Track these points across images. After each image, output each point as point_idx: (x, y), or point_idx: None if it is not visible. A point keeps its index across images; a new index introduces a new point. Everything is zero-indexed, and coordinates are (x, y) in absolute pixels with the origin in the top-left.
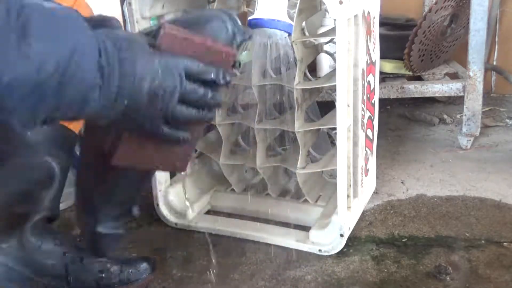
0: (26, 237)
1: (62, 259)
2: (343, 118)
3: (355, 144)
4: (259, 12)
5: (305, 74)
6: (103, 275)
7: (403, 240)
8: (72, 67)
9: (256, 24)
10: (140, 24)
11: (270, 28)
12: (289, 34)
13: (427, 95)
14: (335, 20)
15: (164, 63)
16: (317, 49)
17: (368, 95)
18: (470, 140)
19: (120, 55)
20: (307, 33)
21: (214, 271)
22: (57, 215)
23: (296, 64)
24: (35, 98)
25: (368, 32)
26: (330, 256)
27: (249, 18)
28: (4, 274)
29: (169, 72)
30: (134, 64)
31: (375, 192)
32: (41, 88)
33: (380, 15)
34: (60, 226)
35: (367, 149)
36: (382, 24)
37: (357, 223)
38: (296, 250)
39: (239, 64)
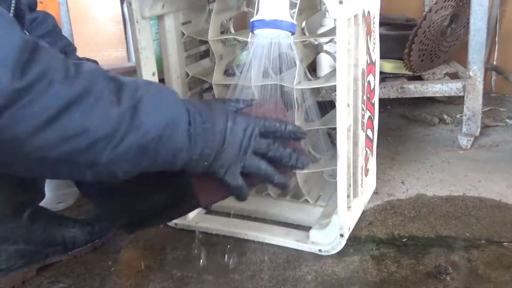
0: (30, 220)
1: (59, 230)
2: (343, 118)
3: (355, 144)
4: (262, 12)
5: (305, 74)
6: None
7: (403, 240)
8: (168, 134)
9: (259, 25)
10: (140, 24)
11: (274, 28)
12: (293, 34)
13: (427, 95)
14: (335, 20)
15: (232, 126)
16: (317, 49)
17: (368, 95)
18: (470, 140)
19: (204, 125)
20: (307, 33)
21: (214, 271)
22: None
23: (296, 64)
24: (138, 157)
25: (368, 32)
26: (330, 256)
27: (252, 19)
28: (15, 252)
29: (236, 134)
30: (213, 133)
31: (375, 192)
32: (143, 149)
33: (380, 15)
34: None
35: (367, 149)
36: (382, 24)
37: (357, 223)
38: (296, 250)
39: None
